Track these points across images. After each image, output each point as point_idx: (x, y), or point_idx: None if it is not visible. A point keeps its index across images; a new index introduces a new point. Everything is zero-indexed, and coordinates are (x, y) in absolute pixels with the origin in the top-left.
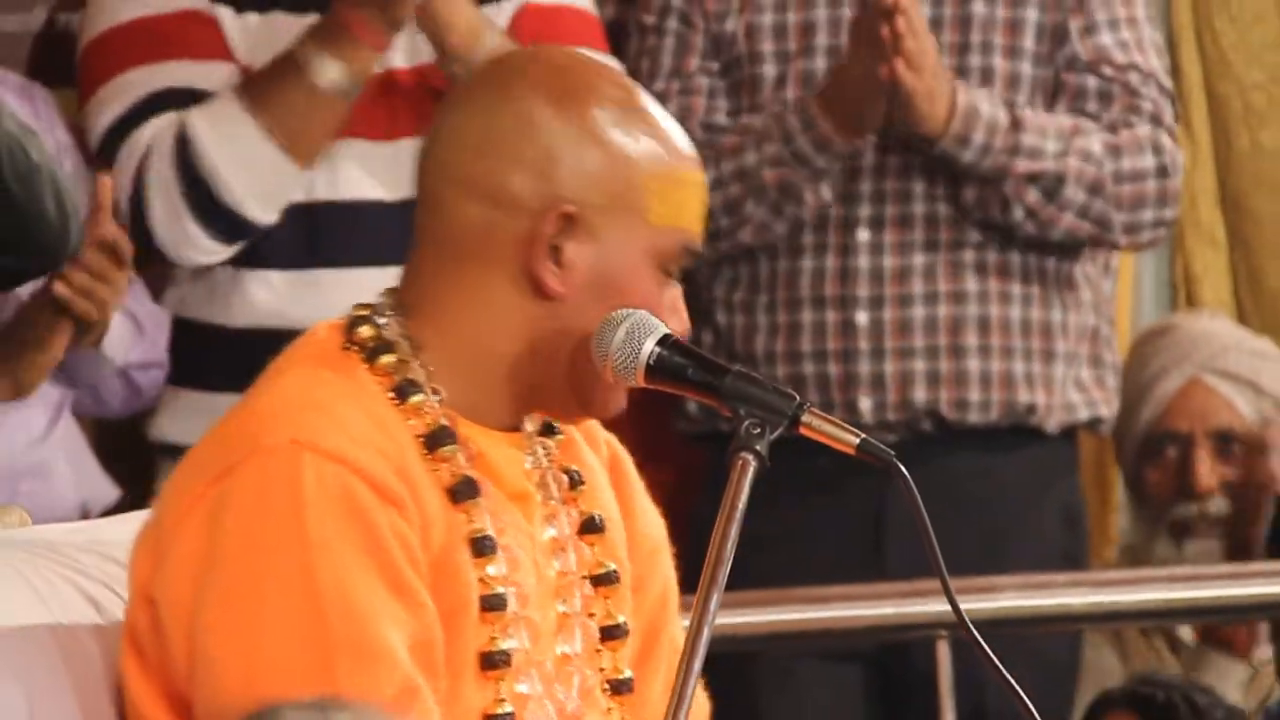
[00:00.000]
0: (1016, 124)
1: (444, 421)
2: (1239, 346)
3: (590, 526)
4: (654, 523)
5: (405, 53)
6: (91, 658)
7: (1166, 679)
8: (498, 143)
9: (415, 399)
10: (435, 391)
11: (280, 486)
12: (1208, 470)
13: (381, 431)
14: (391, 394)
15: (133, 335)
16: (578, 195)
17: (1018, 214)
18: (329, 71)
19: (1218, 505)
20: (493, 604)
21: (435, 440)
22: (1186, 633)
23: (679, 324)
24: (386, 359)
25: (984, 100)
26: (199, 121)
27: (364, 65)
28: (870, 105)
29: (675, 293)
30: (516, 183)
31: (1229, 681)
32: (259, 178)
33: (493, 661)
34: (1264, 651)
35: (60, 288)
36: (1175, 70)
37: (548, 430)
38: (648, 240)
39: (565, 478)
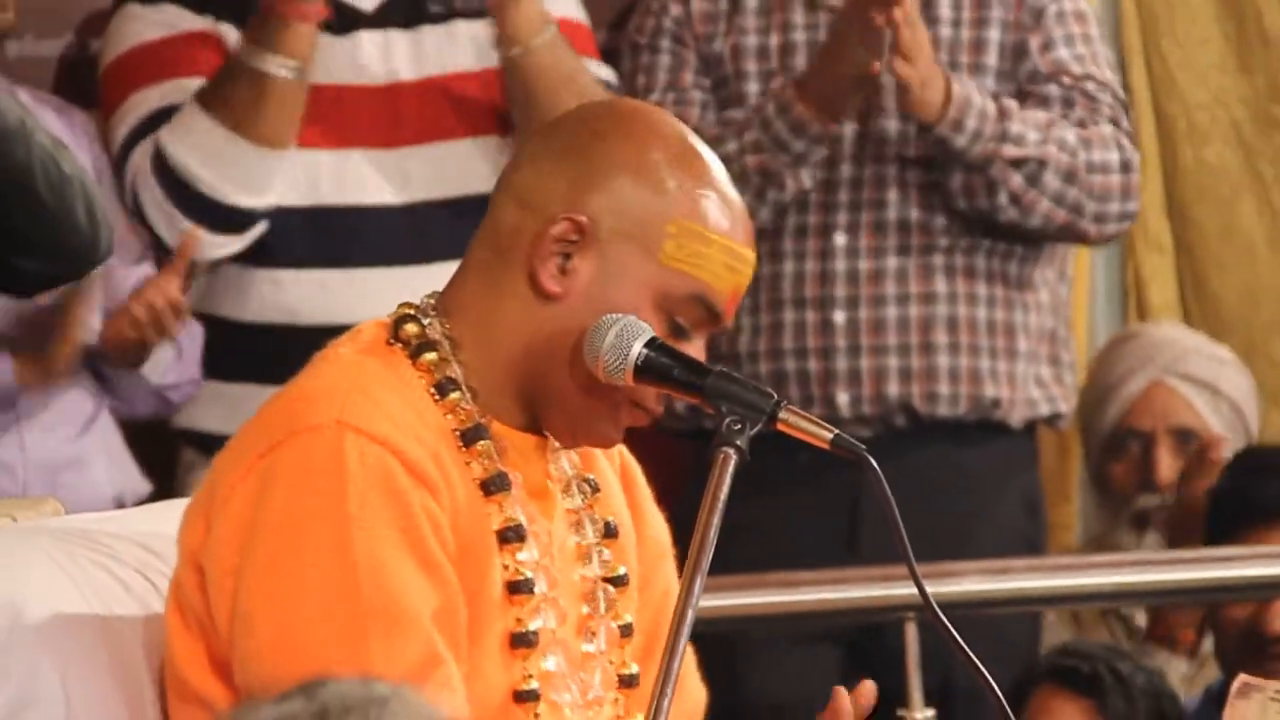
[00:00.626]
0: (1003, 113)
1: (480, 419)
2: (1199, 352)
3: (608, 532)
4: (660, 529)
5: (411, 65)
6: (122, 637)
7: (1089, 649)
8: (550, 157)
9: (453, 396)
10: (471, 389)
11: (324, 463)
12: (1168, 465)
13: (420, 421)
14: (432, 390)
15: (172, 359)
16: (597, 213)
17: (1002, 198)
18: (274, 63)
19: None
20: (519, 588)
21: (470, 436)
22: (1141, 618)
23: None
24: (429, 356)
25: (974, 90)
26: (167, 137)
27: (303, 42)
28: (850, 93)
29: (693, 348)
30: (549, 189)
31: (1172, 676)
32: (235, 169)
33: (521, 641)
34: (1209, 646)
35: (132, 336)
36: (1125, 89)
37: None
38: (654, 277)
39: (586, 485)
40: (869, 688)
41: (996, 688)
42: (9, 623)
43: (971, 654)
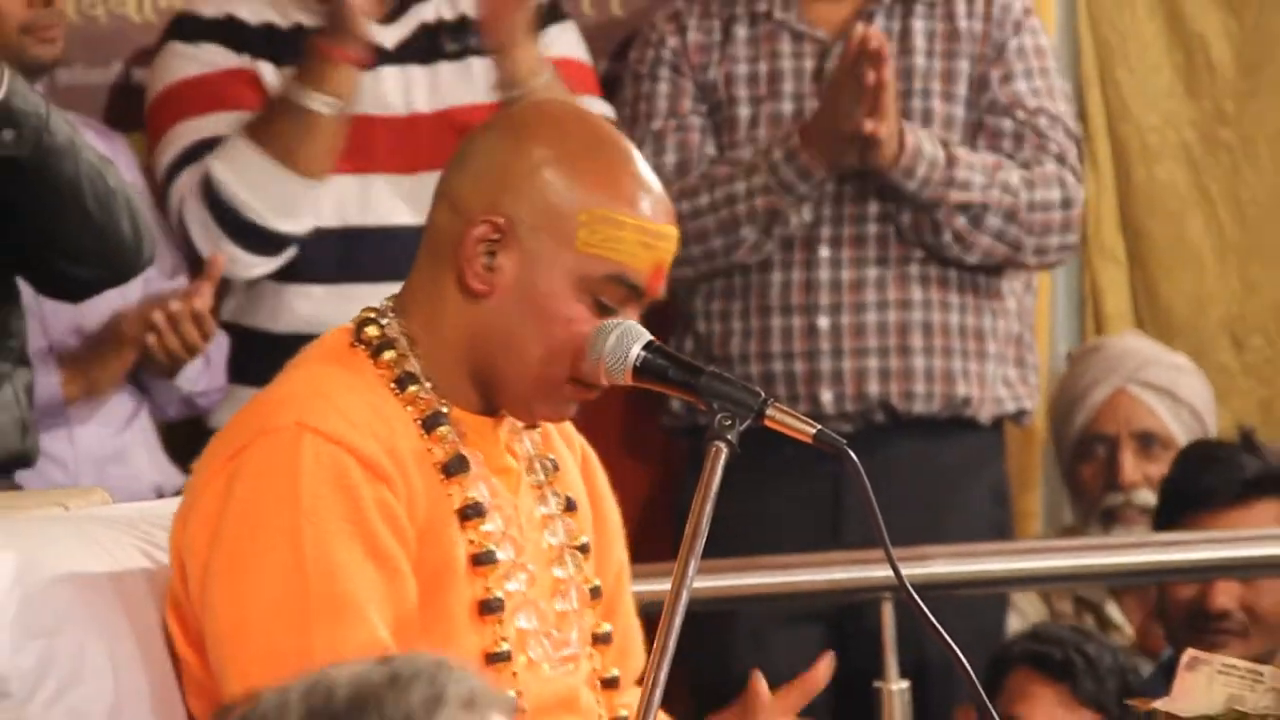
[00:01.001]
0: (951, 161)
1: (439, 407)
2: (1159, 361)
3: (569, 505)
4: (615, 511)
5: (428, 98)
6: (148, 607)
7: (1059, 634)
8: (472, 162)
9: (412, 389)
10: (429, 380)
11: (282, 462)
12: (1131, 467)
13: (378, 417)
14: (393, 385)
15: (201, 369)
16: (514, 212)
17: (946, 236)
18: (316, 100)
19: (1141, 496)
20: (482, 560)
21: (430, 423)
22: (1115, 612)
23: None
24: (388, 355)
25: (926, 140)
26: (217, 164)
27: (345, 83)
28: (848, 145)
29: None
30: (470, 192)
31: None
32: (276, 196)
33: (489, 607)
34: None
35: (154, 344)
36: (1083, 113)
37: (530, 425)
38: (572, 263)
39: (548, 463)
40: (826, 663)
41: (966, 662)
42: (61, 605)
43: (943, 631)
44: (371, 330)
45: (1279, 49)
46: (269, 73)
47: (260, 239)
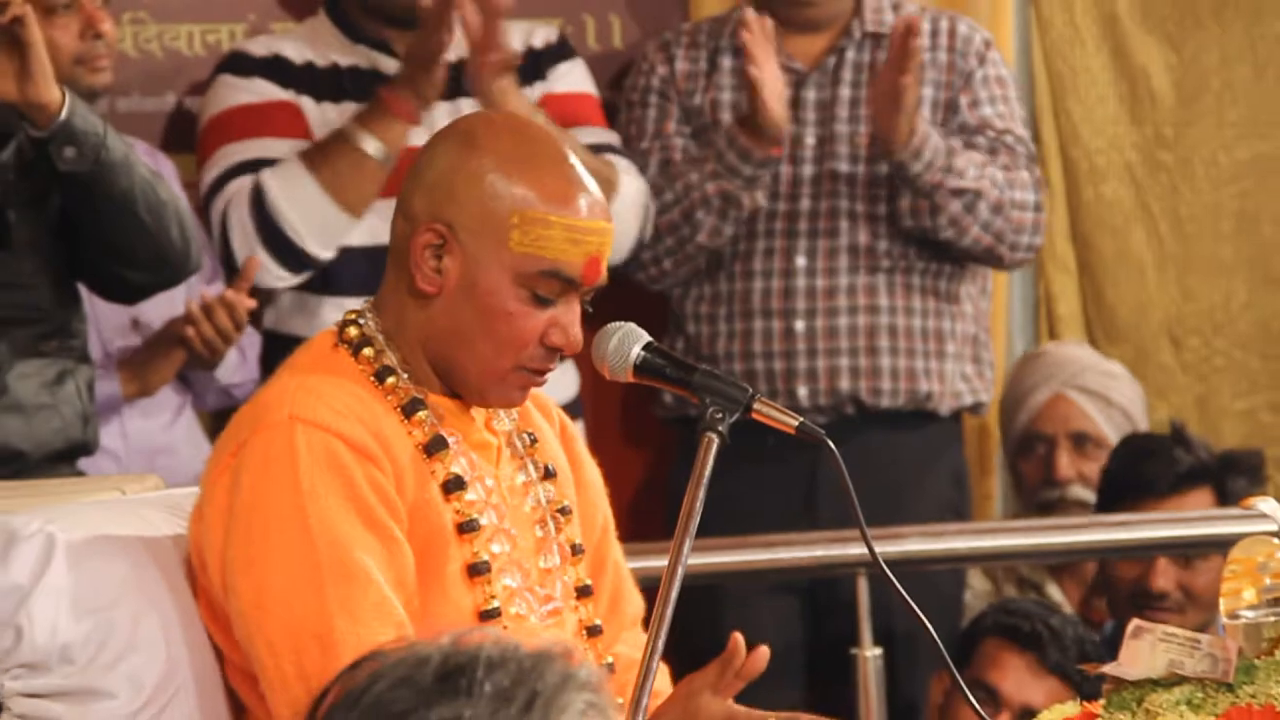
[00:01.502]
0: (950, 151)
1: (416, 394)
2: (1094, 368)
3: (548, 473)
4: (595, 471)
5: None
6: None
7: (1027, 608)
8: (424, 173)
9: (390, 380)
10: (406, 371)
11: (280, 452)
12: (1067, 464)
13: (362, 405)
14: (373, 378)
15: (237, 362)
16: (454, 217)
17: (943, 219)
18: (371, 144)
19: (1074, 492)
20: (467, 527)
21: (409, 409)
22: (1055, 591)
23: (559, 337)
24: (366, 351)
25: (932, 130)
26: (270, 178)
27: (400, 137)
28: (780, 126)
29: (560, 312)
30: (417, 202)
31: None
32: (317, 223)
33: (477, 570)
34: None
35: (191, 334)
36: (1037, 138)
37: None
38: (509, 262)
39: (527, 437)
40: (761, 652)
41: (933, 631)
42: (117, 581)
43: (911, 602)
44: (352, 330)
45: (1212, 80)
46: (309, 106)
47: (291, 255)
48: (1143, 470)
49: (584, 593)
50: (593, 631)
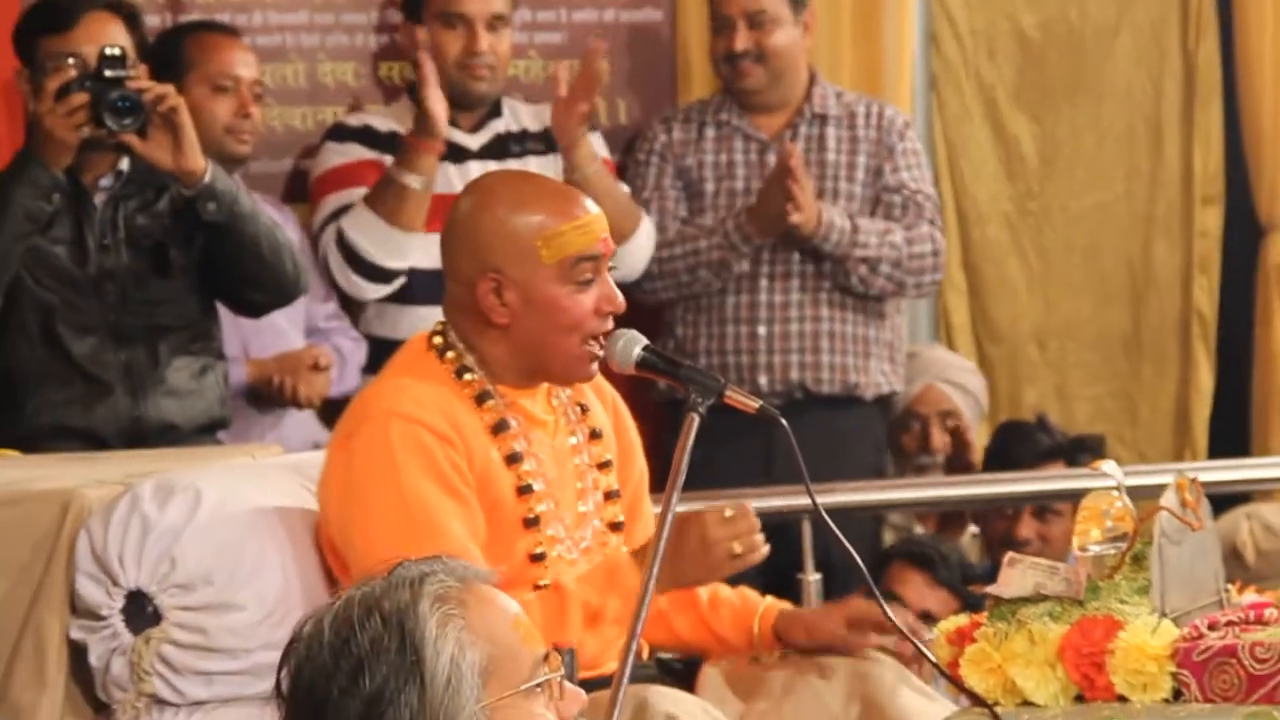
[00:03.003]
0: (855, 229)
1: (487, 387)
2: (956, 365)
3: (594, 435)
4: (636, 436)
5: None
6: (305, 526)
7: (923, 539)
8: (455, 241)
9: (467, 376)
10: (484, 369)
11: (380, 441)
12: (937, 437)
13: (442, 398)
14: (454, 374)
15: (338, 379)
16: (497, 262)
17: (853, 279)
18: (409, 177)
19: (940, 459)
20: (524, 490)
21: (481, 398)
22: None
23: (608, 303)
24: (450, 354)
25: (837, 215)
26: (346, 221)
27: (429, 165)
28: (776, 224)
29: (600, 284)
30: (462, 264)
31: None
32: (383, 243)
33: (529, 524)
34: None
35: (275, 385)
36: (940, 192)
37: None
38: (550, 271)
39: (578, 408)
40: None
41: (864, 566)
42: (246, 523)
43: (843, 538)
44: (439, 339)
45: (1066, 147)
46: (389, 163)
47: (374, 272)
48: (1013, 449)
49: (616, 527)
50: (615, 527)
